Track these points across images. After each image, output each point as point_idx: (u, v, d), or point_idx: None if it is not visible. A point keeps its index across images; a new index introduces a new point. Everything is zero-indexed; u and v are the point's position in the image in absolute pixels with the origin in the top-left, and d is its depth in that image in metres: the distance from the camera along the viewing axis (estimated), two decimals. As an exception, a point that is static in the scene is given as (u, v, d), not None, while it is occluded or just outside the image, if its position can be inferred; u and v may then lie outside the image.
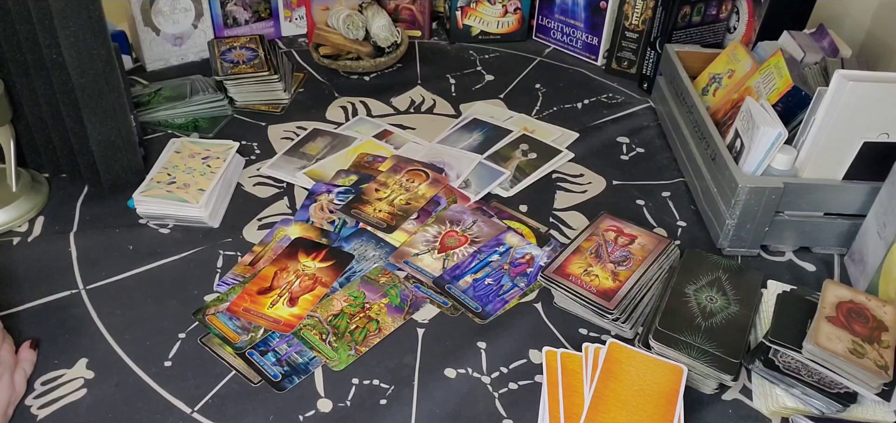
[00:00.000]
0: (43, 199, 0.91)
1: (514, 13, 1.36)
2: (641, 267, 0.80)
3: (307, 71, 1.25)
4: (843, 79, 0.78)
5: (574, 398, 0.66)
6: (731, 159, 0.86)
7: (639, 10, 1.20)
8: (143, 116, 1.07)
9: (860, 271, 0.82)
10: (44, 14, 0.79)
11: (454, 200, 0.94)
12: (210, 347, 0.73)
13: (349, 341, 0.74)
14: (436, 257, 0.85)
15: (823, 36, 1.05)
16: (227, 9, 1.27)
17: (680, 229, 0.92)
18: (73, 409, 0.66)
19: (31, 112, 0.88)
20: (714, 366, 0.68)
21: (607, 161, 1.04)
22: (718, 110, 1.00)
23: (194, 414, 0.66)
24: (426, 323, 0.77)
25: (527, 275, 0.83)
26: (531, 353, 0.74)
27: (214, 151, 0.96)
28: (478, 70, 1.28)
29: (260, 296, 0.79)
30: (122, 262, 0.82)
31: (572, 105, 1.18)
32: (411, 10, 1.36)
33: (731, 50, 1.04)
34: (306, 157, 1.02)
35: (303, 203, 0.93)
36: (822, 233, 0.87)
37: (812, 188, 0.83)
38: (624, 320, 0.75)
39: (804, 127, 0.85)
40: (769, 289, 0.80)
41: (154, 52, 1.21)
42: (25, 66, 0.84)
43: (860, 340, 0.67)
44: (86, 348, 0.72)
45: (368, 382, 0.70)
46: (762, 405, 0.69)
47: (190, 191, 0.88)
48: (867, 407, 0.68)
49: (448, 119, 1.13)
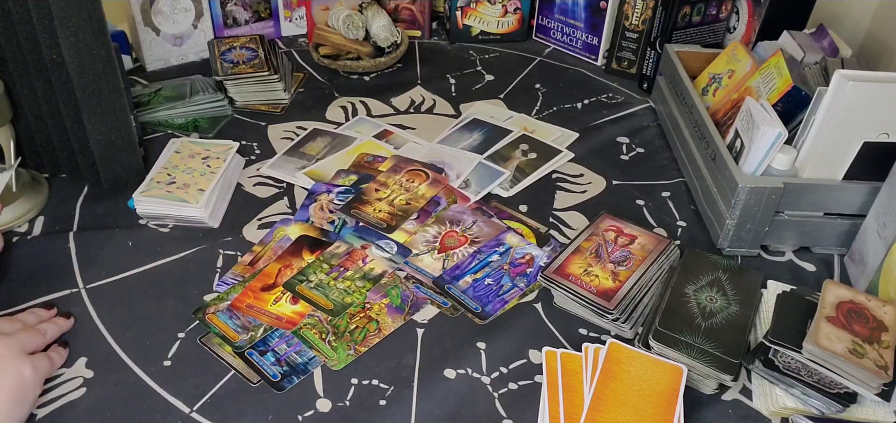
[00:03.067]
0: (43, 199, 0.91)
1: (514, 13, 1.36)
2: (641, 267, 0.80)
3: (307, 71, 1.25)
4: (843, 79, 0.78)
5: (574, 398, 0.66)
6: (731, 159, 0.86)
7: (639, 10, 1.20)
8: (143, 116, 1.07)
9: (860, 271, 0.82)
10: (44, 14, 0.79)
11: (454, 200, 0.94)
12: (209, 346, 0.73)
13: (349, 341, 0.74)
14: (436, 257, 0.85)
15: (823, 36, 1.05)
16: (227, 9, 1.27)
17: (680, 229, 0.92)
18: (73, 408, 0.66)
19: (31, 112, 0.88)
20: (714, 366, 0.68)
21: (607, 161, 1.04)
22: (718, 110, 1.00)
23: (193, 414, 0.66)
24: (426, 323, 0.77)
25: (527, 275, 0.83)
26: (531, 353, 0.74)
27: (214, 151, 0.96)
28: (478, 70, 1.28)
29: (263, 293, 0.79)
30: (122, 261, 0.82)
31: (572, 105, 1.18)
32: (411, 10, 1.36)
33: (731, 50, 1.04)
34: (306, 157, 1.02)
35: (303, 203, 0.93)
36: (822, 233, 0.87)
37: (812, 188, 0.83)
38: (624, 320, 0.75)
39: (804, 127, 0.85)
40: (769, 289, 0.80)
41: (154, 53, 1.22)
42: (25, 67, 0.84)
43: (860, 340, 0.67)
44: (85, 347, 0.72)
45: (368, 382, 0.70)
46: (762, 405, 0.69)
47: (190, 191, 0.88)
48: (867, 407, 0.68)
49: (448, 119, 1.13)
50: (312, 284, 0.80)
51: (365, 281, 0.81)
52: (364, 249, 0.85)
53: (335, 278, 0.81)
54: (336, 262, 0.83)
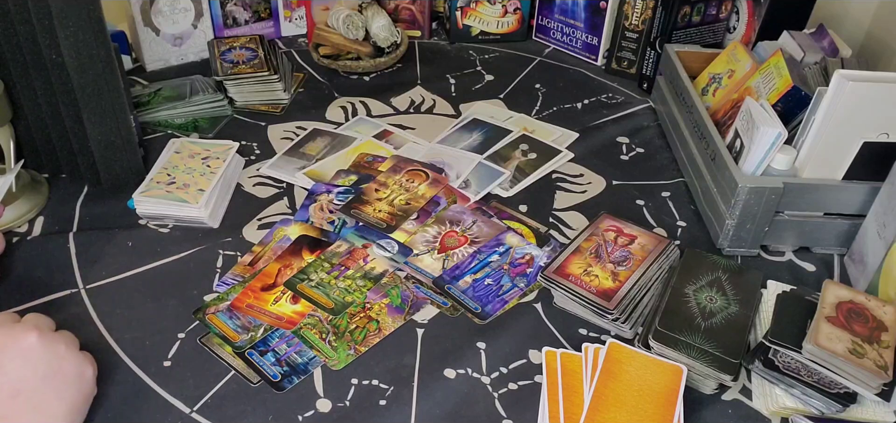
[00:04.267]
0: (43, 199, 0.91)
1: (513, 13, 1.36)
2: (641, 267, 0.80)
3: (307, 71, 1.25)
4: (843, 79, 0.78)
5: (574, 398, 0.66)
6: (731, 159, 0.86)
7: (639, 10, 1.20)
8: (143, 116, 1.07)
9: (860, 271, 0.82)
10: (44, 14, 0.79)
11: (454, 200, 0.94)
12: (209, 347, 0.73)
13: (349, 341, 0.74)
14: (436, 257, 0.85)
15: (823, 36, 1.05)
16: (227, 9, 1.27)
17: (680, 229, 0.92)
18: (73, 409, 0.66)
19: (31, 112, 0.88)
20: (714, 366, 0.68)
21: (607, 161, 1.04)
22: (718, 110, 1.00)
23: (193, 414, 0.66)
24: (426, 323, 0.77)
25: (526, 275, 0.83)
26: (531, 353, 0.74)
27: (214, 151, 0.96)
28: (478, 70, 1.28)
29: (263, 292, 0.79)
30: (122, 262, 0.82)
31: (572, 105, 1.18)
32: (411, 10, 1.36)
33: (731, 50, 1.04)
34: (306, 157, 1.02)
35: (303, 203, 0.93)
36: (821, 233, 0.87)
37: (812, 188, 0.83)
38: (624, 320, 0.75)
39: (804, 127, 0.85)
40: (769, 289, 0.80)
41: (154, 53, 1.21)
42: (25, 67, 0.84)
43: (860, 340, 0.67)
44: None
45: (368, 382, 0.70)
46: (762, 405, 0.69)
47: (190, 191, 0.88)
48: (867, 407, 0.68)
49: (448, 119, 1.13)
50: (313, 283, 0.80)
51: (366, 280, 0.81)
52: (365, 248, 0.85)
53: (336, 277, 0.81)
54: (337, 261, 0.83)
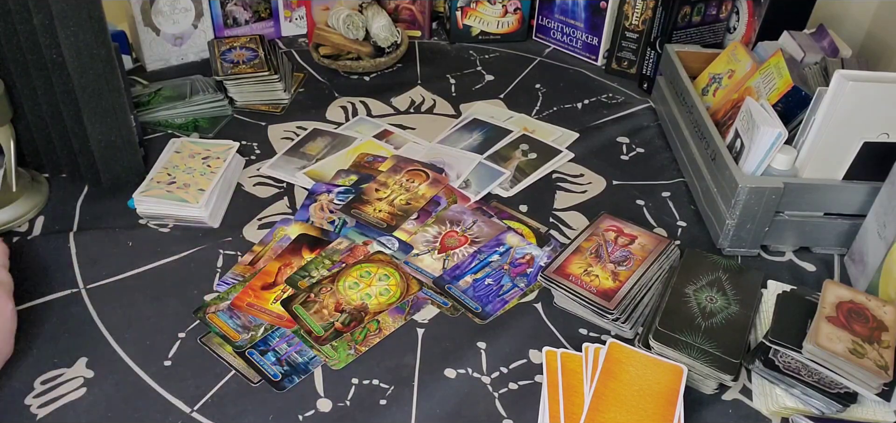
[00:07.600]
0: (43, 199, 0.91)
1: (514, 13, 1.36)
2: (641, 267, 0.80)
3: (307, 71, 1.25)
4: (843, 79, 0.78)
5: (574, 398, 0.66)
6: (731, 159, 0.86)
7: (639, 10, 1.20)
8: (143, 116, 1.07)
9: (860, 271, 0.82)
10: (44, 14, 0.79)
11: (454, 200, 0.94)
12: (210, 346, 0.73)
13: (349, 341, 0.74)
14: (436, 257, 0.85)
15: (823, 36, 1.05)
16: (227, 9, 1.27)
17: (680, 229, 0.92)
18: (73, 408, 0.66)
19: (31, 112, 0.88)
20: (714, 366, 0.68)
21: (607, 161, 1.04)
22: (718, 110, 1.00)
23: (194, 414, 0.66)
24: (426, 323, 0.77)
25: (527, 275, 0.83)
26: (531, 353, 0.74)
27: (214, 151, 0.96)
28: (478, 70, 1.28)
29: (263, 292, 0.79)
30: (122, 261, 0.82)
31: (572, 105, 1.18)
32: (411, 10, 1.36)
33: (731, 50, 1.04)
34: (306, 157, 1.02)
35: (303, 203, 0.93)
36: (822, 233, 0.87)
37: (812, 188, 0.83)
38: (624, 320, 0.75)
39: (804, 127, 0.85)
40: (769, 289, 0.80)
41: (154, 52, 1.21)
42: (25, 66, 0.84)
43: (860, 340, 0.67)
44: (85, 347, 0.72)
45: (368, 382, 0.70)
46: (762, 405, 0.69)
47: (190, 191, 0.88)
48: (867, 407, 0.68)
49: (448, 119, 1.13)
50: (314, 280, 0.80)
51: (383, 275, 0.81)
52: (366, 245, 0.85)
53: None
54: (338, 258, 0.83)
